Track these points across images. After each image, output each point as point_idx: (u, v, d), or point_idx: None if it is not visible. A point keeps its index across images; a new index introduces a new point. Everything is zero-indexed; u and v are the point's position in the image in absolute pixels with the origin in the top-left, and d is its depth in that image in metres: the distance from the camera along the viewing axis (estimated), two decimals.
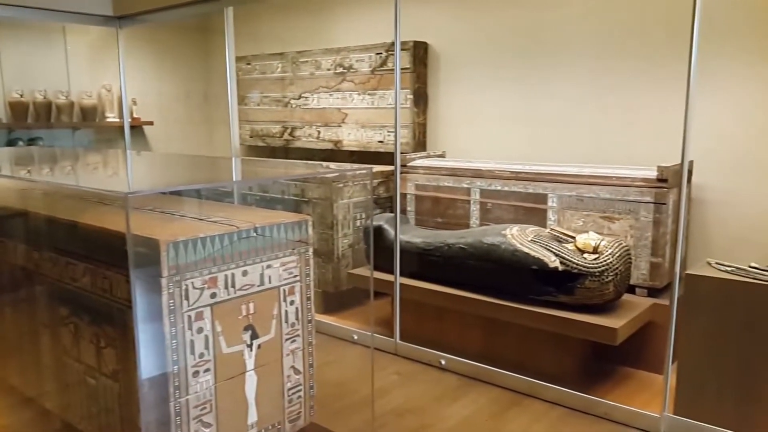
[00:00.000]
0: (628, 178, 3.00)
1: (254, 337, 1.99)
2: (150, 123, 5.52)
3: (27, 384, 2.52)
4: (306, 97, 4.75)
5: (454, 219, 3.64)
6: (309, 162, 4.69)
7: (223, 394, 1.91)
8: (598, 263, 2.69)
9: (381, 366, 3.10)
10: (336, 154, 4.71)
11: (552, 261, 2.76)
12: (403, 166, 3.80)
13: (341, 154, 4.68)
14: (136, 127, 5.45)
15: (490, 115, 3.99)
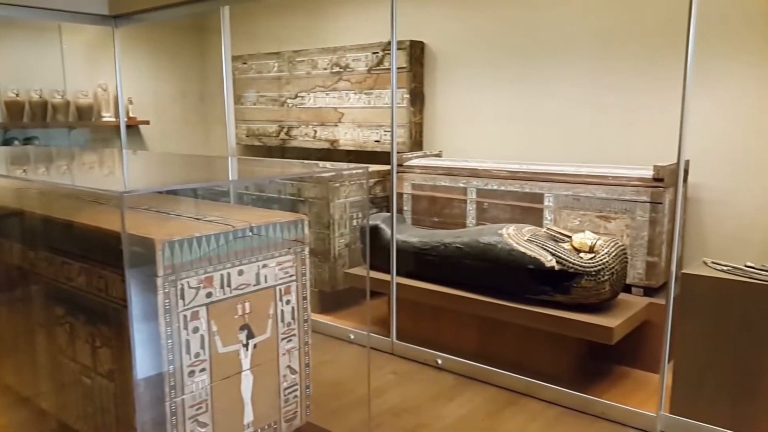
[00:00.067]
0: (624, 177, 3.01)
1: (250, 336, 1.99)
2: (146, 122, 5.50)
3: (23, 384, 2.51)
4: (302, 97, 4.75)
5: (451, 218, 3.64)
6: (305, 161, 4.69)
7: (218, 393, 1.91)
8: (594, 262, 2.69)
9: (377, 365, 3.10)
10: (332, 153, 4.71)
11: (548, 260, 2.76)
12: (400, 165, 3.80)
13: (338, 154, 4.68)
14: (132, 127, 5.44)
15: (487, 115, 3.99)
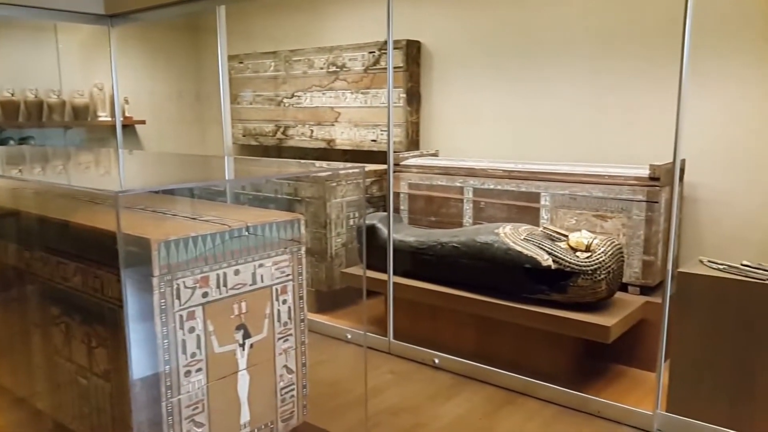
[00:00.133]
0: (620, 176, 3.01)
1: (246, 336, 1.98)
2: (142, 122, 5.49)
3: (18, 384, 2.51)
4: (299, 96, 4.74)
5: (447, 218, 3.64)
6: (302, 161, 4.68)
7: (215, 393, 1.90)
8: (590, 261, 2.69)
9: (374, 365, 3.10)
10: (329, 153, 4.70)
11: (545, 259, 2.76)
12: (396, 164, 3.80)
13: (334, 153, 4.67)
14: (128, 126, 5.42)
15: (484, 114, 3.99)
